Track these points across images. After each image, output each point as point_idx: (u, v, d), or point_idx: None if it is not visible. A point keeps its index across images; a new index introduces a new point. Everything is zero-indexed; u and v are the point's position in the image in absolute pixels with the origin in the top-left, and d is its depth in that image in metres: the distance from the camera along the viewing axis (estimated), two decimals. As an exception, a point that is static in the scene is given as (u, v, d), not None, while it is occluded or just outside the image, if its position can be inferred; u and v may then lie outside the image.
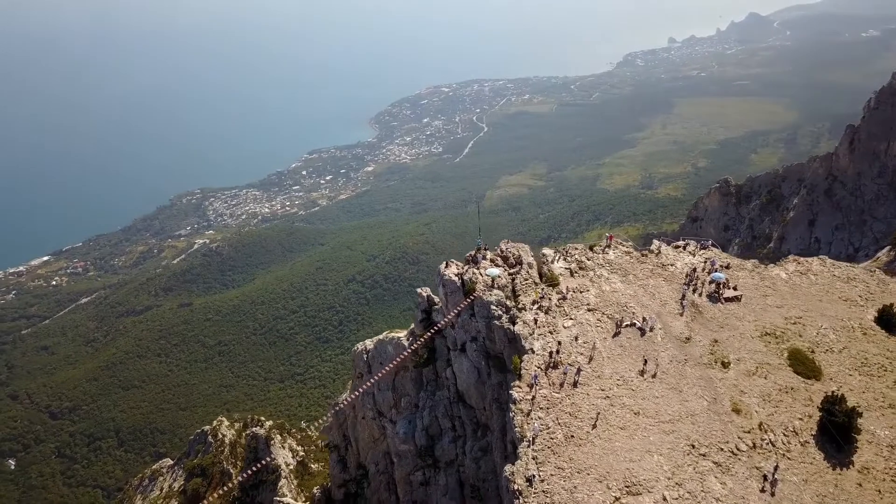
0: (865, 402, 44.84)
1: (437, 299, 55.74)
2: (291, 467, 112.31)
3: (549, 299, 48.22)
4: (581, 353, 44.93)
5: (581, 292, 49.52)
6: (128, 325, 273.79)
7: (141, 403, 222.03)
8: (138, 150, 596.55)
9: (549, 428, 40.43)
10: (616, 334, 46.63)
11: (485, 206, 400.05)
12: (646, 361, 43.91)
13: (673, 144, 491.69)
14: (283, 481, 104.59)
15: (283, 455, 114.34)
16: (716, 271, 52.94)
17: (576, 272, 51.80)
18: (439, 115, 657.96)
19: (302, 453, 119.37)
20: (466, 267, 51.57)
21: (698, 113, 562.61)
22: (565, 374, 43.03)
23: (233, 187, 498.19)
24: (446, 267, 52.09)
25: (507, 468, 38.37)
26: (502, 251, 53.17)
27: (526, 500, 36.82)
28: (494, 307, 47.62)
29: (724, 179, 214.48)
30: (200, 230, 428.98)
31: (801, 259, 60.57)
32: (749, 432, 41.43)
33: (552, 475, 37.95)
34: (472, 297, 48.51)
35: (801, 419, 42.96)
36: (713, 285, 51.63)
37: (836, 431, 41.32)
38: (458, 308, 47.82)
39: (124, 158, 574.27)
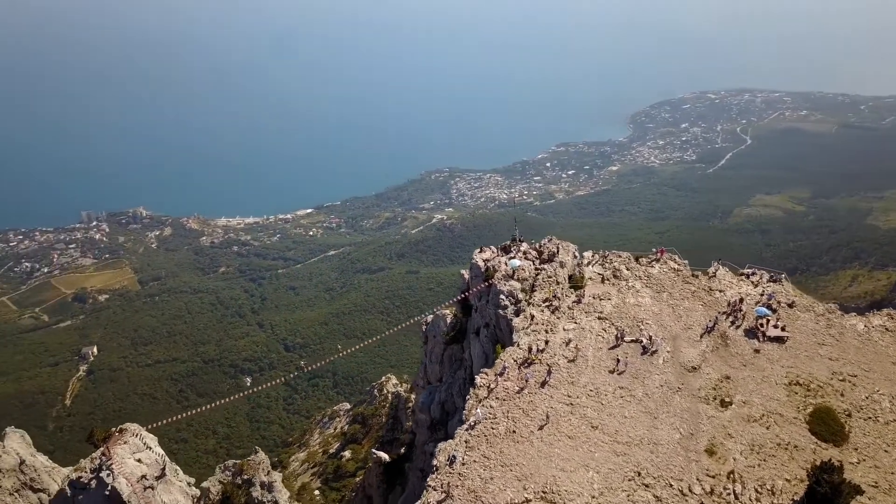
0: (886, 483, 38.31)
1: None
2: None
3: (562, 300, 47.40)
4: (565, 357, 43.97)
5: (601, 300, 47.82)
6: (361, 281, 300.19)
7: (358, 353, 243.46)
8: (400, 126, 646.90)
9: (494, 418, 40.64)
10: (614, 347, 44.68)
11: (728, 223, 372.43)
12: (618, 361, 41.93)
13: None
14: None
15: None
16: (770, 306, 47.57)
17: (608, 279, 49.90)
18: (699, 122, 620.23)
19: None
20: (497, 254, 52.29)
21: None
22: (538, 372, 42.67)
23: (478, 170, 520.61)
24: (479, 252, 53.22)
25: (439, 445, 39.68)
26: (540, 245, 52.86)
27: (439, 476, 37.93)
28: (504, 297, 48.03)
29: None
30: (441, 206, 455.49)
31: (899, 314, 51.42)
32: (713, 477, 37.87)
33: (475, 462, 38.40)
34: (489, 283, 49.37)
35: (787, 480, 38.10)
36: (756, 320, 46.58)
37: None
38: (468, 293, 49.01)
39: (387, 133, 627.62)
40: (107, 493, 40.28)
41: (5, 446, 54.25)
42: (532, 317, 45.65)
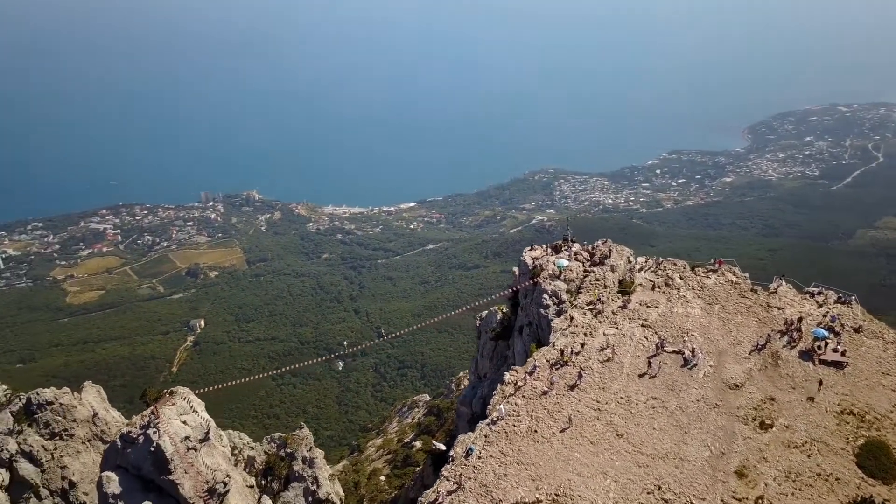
0: (936, 531, 35.13)
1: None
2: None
3: (606, 304, 46.22)
4: (599, 362, 42.92)
5: (648, 307, 46.23)
6: (455, 277, 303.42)
7: (448, 347, 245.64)
8: (507, 124, 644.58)
9: (518, 415, 40.35)
10: (653, 356, 43.14)
11: (849, 245, 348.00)
12: (649, 363, 40.55)
13: None
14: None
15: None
16: (832, 329, 44.37)
17: (659, 286, 48.12)
18: (826, 136, 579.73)
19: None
20: (548, 253, 51.54)
21: None
22: (568, 374, 41.96)
23: (584, 173, 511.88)
24: (530, 249, 52.65)
25: (459, 436, 39.85)
26: (593, 247, 51.63)
27: (453, 467, 38.15)
28: (547, 297, 47.37)
29: None
30: (543, 207, 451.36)
31: None
32: (739, 500, 36.03)
33: (491, 457, 38.31)
34: (534, 281, 48.82)
35: (822, 513, 35.72)
36: (814, 341, 43.57)
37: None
38: (512, 289, 48.68)
39: (494, 131, 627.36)
40: (152, 449, 43.11)
41: (82, 399, 59.16)
42: (571, 318, 44.84)
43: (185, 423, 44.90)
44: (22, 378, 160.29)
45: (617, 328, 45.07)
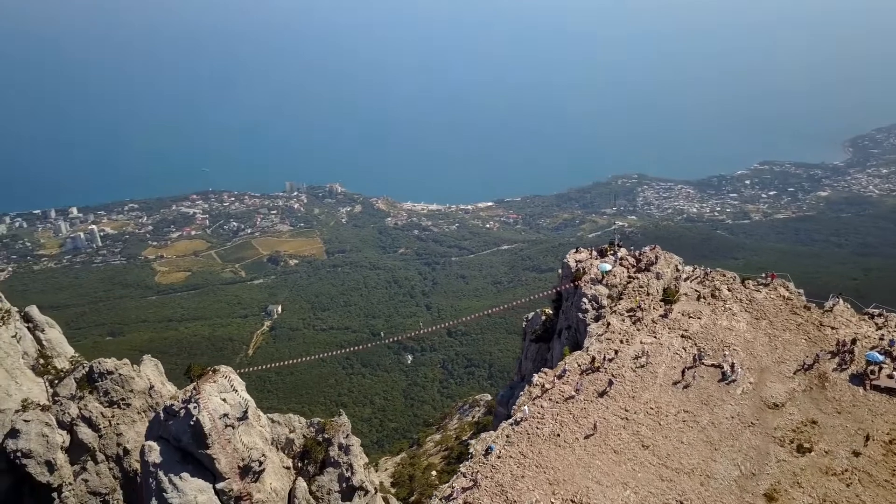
0: None
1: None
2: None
3: (647, 311, 44.95)
4: (632, 370, 41.83)
5: (690, 317, 44.66)
6: (529, 279, 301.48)
7: (517, 349, 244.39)
8: (591, 127, 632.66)
9: (542, 418, 39.86)
10: (689, 367, 41.65)
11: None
12: (683, 373, 39.25)
13: None
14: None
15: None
16: (890, 353, 41.56)
17: (705, 297, 46.36)
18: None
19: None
20: (592, 257, 50.48)
21: None
22: (598, 380, 41.13)
23: (669, 180, 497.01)
24: (575, 252, 51.76)
25: (481, 434, 39.76)
26: (639, 253, 50.21)
27: (471, 464, 38.10)
28: (587, 301, 46.52)
29: None
30: (624, 213, 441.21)
31: None
32: (766, 524, 34.51)
33: (511, 457, 38.03)
34: (575, 284, 47.99)
35: (855, 546, 33.68)
36: (867, 365, 40.97)
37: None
38: (556, 291, 48.00)
39: (577, 133, 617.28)
40: (191, 423, 45.00)
41: (140, 371, 62.39)
42: (608, 324, 43.91)
43: (224, 400, 46.66)
44: (111, 351, 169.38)
45: (655, 337, 43.81)
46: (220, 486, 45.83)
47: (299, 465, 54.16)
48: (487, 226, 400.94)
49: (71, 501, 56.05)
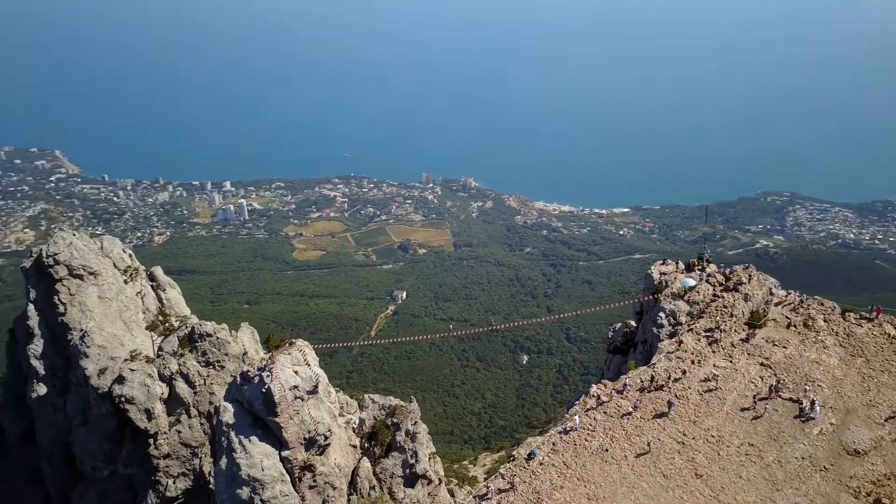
0: None
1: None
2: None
3: (727, 333, 41.99)
4: (698, 393, 39.27)
5: (774, 345, 41.21)
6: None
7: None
8: (743, 139, 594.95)
9: (592, 430, 38.46)
10: (763, 398, 38.45)
11: None
12: (755, 402, 36.55)
13: None
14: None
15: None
16: None
17: (795, 325, 42.54)
18: None
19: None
20: (678, 270, 47.71)
21: None
22: (659, 399, 39.06)
23: (825, 201, 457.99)
24: (661, 263, 49.10)
25: (528, 439, 39.05)
26: (730, 271, 46.81)
27: (512, 468, 37.54)
28: (663, 316, 44.16)
29: None
30: (770, 232, 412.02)
31: None
32: (820, 579, 31.43)
33: (553, 465, 37.10)
34: (655, 297, 45.66)
35: None
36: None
37: None
38: (635, 302, 45.95)
39: (725, 145, 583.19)
40: (263, 391, 47.46)
41: (237, 337, 66.45)
42: (680, 342, 41.54)
43: (296, 373, 48.79)
44: (246, 318, 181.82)
45: (731, 361, 40.91)
46: (285, 453, 48.04)
47: (366, 445, 55.61)
48: (621, 232, 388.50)
49: (164, 449, 60.94)
